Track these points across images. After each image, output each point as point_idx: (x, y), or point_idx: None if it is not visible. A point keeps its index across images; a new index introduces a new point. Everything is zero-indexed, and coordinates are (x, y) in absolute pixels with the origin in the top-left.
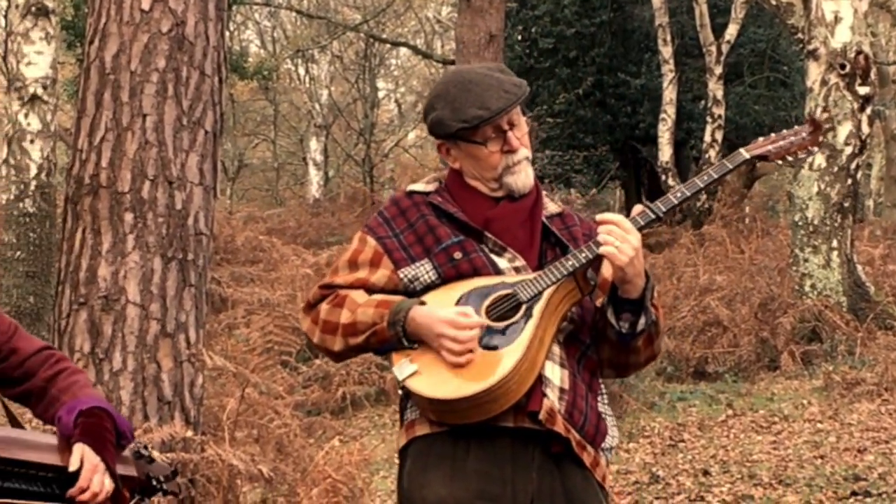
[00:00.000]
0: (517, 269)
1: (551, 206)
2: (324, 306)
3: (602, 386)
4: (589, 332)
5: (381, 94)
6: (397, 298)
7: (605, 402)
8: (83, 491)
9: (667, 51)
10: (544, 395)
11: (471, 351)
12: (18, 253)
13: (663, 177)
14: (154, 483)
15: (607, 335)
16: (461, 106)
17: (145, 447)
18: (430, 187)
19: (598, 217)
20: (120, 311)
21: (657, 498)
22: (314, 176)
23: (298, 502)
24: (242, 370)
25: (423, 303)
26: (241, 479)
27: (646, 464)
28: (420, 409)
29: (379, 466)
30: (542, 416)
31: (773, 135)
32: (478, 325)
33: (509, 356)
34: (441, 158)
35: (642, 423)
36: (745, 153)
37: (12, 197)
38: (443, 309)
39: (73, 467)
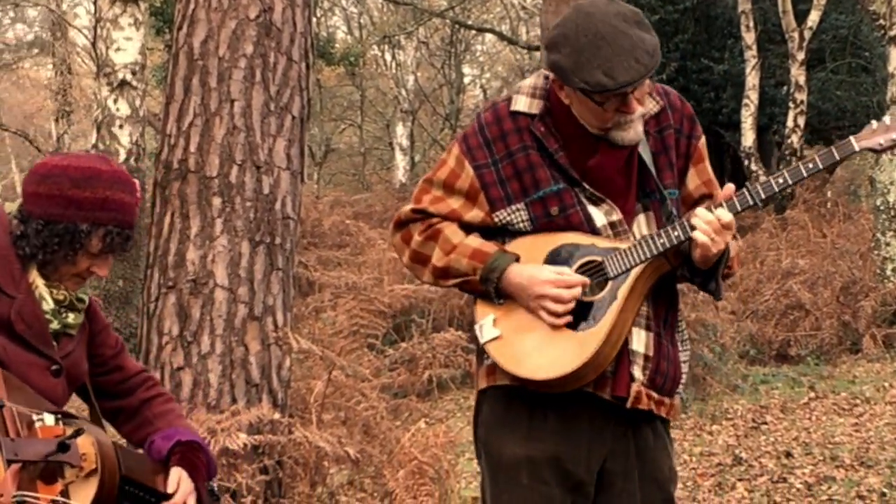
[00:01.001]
0: (612, 225)
1: (649, 104)
2: (416, 236)
3: (683, 325)
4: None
5: (466, 80)
6: (491, 249)
7: (682, 328)
8: None
9: (749, 37)
10: (631, 377)
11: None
12: None
13: (746, 161)
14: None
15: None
16: (586, 64)
17: (213, 486)
18: (535, 107)
19: (714, 210)
20: (208, 294)
21: (740, 479)
22: (400, 161)
23: (385, 484)
24: (329, 353)
25: (517, 257)
26: (327, 460)
27: (729, 446)
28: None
29: (464, 448)
30: (629, 403)
31: (886, 120)
32: (579, 284)
33: (590, 342)
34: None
35: (725, 406)
36: (855, 145)
37: None
38: (540, 269)
39: (171, 489)
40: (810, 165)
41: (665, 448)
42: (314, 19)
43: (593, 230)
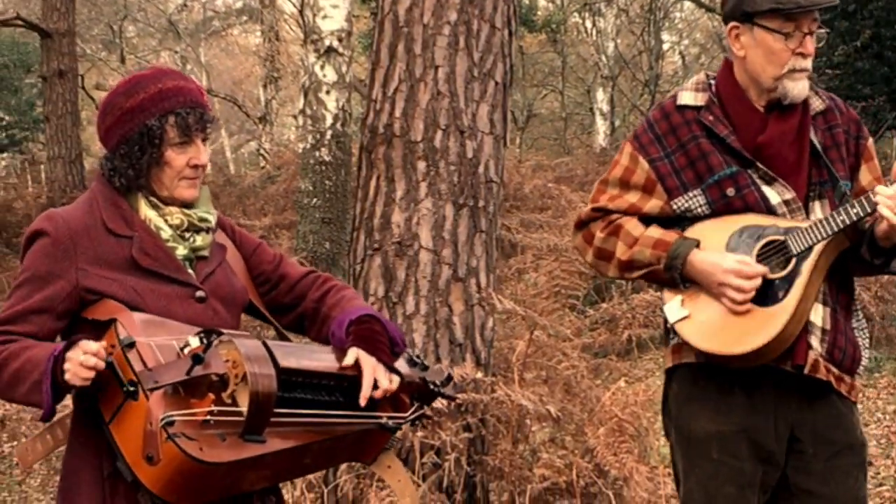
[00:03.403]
0: (787, 203)
1: (815, 103)
2: (598, 233)
3: (856, 303)
4: (850, 259)
5: (665, 47)
6: (672, 238)
7: (860, 317)
8: (369, 390)
9: None
10: (809, 346)
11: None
12: (315, 200)
13: None
14: (431, 387)
15: (860, 258)
16: None
17: (417, 356)
18: (701, 99)
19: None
20: (413, 256)
21: None
22: (601, 125)
23: (585, 441)
24: (531, 313)
25: (698, 243)
26: (529, 418)
27: None
28: (688, 346)
29: None
30: (807, 370)
31: None
32: (760, 275)
33: (778, 317)
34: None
35: None
36: None
37: (309, 146)
38: (723, 258)
39: (346, 362)
40: None
41: (854, 415)
42: None
43: (769, 208)
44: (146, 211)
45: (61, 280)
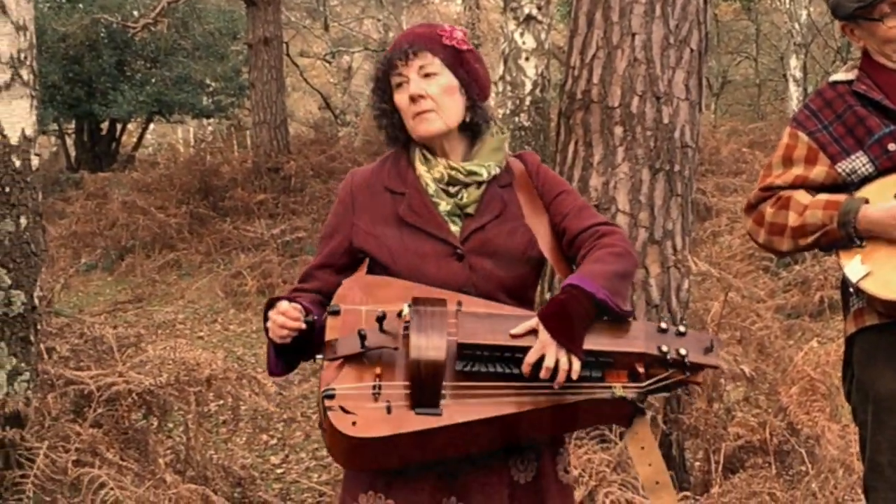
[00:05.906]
0: None
1: None
2: (768, 209)
3: None
4: None
5: None
6: (842, 198)
7: None
8: (531, 367)
9: None
10: None
11: None
12: None
13: None
14: (669, 359)
15: None
16: None
17: (682, 321)
18: (851, 75)
19: None
20: (610, 218)
21: None
22: (793, 92)
23: (778, 400)
24: (726, 275)
25: (866, 200)
26: (724, 378)
27: None
28: (870, 303)
29: None
30: None
31: None
32: None
33: None
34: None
35: None
36: None
37: (508, 111)
38: (893, 202)
39: (516, 331)
40: None
41: None
42: None
43: None
44: (419, 166)
45: (339, 235)
